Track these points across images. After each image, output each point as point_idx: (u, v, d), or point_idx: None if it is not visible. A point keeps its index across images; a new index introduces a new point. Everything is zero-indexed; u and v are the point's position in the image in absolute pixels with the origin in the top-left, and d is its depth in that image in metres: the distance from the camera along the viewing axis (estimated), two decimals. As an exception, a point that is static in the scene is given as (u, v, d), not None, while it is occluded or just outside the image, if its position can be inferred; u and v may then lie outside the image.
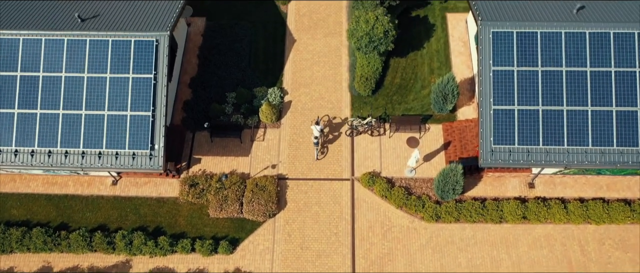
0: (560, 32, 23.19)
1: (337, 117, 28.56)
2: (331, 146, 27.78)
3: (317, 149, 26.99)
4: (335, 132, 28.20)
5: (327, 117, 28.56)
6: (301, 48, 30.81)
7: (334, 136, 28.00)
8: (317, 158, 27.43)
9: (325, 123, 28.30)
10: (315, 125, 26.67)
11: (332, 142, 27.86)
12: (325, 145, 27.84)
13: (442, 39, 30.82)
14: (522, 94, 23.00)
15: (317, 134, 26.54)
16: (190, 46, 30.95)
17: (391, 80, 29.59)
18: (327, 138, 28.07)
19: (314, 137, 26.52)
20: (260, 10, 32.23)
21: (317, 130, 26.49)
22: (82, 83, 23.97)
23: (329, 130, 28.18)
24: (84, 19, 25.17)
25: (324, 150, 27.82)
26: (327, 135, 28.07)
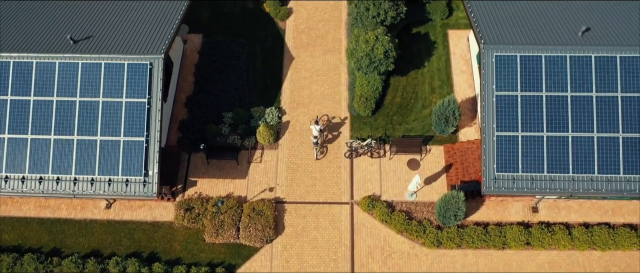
0: (565, 56, 22.58)
1: (336, 117, 28.37)
2: (330, 168, 27.17)
3: (316, 149, 26.85)
4: (334, 132, 28.05)
5: (326, 117, 28.28)
6: (299, 66, 30.19)
7: (333, 157, 27.41)
8: (317, 158, 27.20)
9: (325, 123, 28.06)
10: (314, 124, 26.50)
11: (331, 164, 27.26)
12: (324, 145, 27.49)
13: (444, 56, 30.20)
14: (526, 120, 22.39)
15: (317, 134, 26.40)
16: (187, 63, 30.32)
17: (391, 99, 28.96)
18: (327, 138, 27.84)
19: (313, 137, 26.37)
20: (258, 26, 31.60)
21: (316, 129, 26.35)
22: (74, 107, 23.35)
23: (328, 130, 28.07)
24: (77, 41, 24.55)
25: (324, 150, 27.49)
26: (326, 135, 27.86)
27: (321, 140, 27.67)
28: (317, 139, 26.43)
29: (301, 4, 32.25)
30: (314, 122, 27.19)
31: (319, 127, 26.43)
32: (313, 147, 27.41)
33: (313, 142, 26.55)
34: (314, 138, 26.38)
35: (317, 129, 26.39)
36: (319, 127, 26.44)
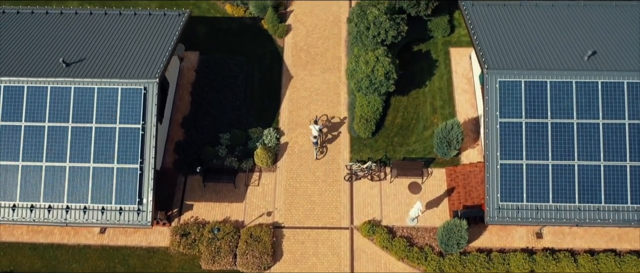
0: (571, 82, 21.98)
1: (336, 117, 28.09)
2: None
3: (316, 149, 26.76)
4: (334, 132, 27.93)
5: (325, 117, 28.03)
6: (298, 85, 29.57)
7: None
8: (317, 158, 27.06)
9: (324, 122, 27.87)
10: (314, 124, 26.29)
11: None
12: (324, 146, 27.33)
13: (445, 75, 29.57)
14: (530, 148, 21.78)
15: (316, 134, 26.19)
16: (183, 82, 29.70)
17: (392, 120, 28.34)
18: (326, 137, 27.66)
19: (312, 137, 26.23)
20: (256, 43, 30.97)
21: (315, 129, 26.15)
22: (67, 133, 22.73)
23: (327, 129, 27.93)
24: (69, 64, 23.93)
25: (323, 150, 27.32)
26: (325, 135, 27.70)
27: (321, 140, 27.45)
28: (316, 139, 26.29)
29: (300, 21, 31.63)
30: (313, 122, 26.91)
31: (319, 127, 26.26)
32: (312, 147, 27.30)
33: (312, 142, 26.45)
34: (313, 138, 26.25)
35: (316, 128, 26.20)
36: (318, 126, 26.25)
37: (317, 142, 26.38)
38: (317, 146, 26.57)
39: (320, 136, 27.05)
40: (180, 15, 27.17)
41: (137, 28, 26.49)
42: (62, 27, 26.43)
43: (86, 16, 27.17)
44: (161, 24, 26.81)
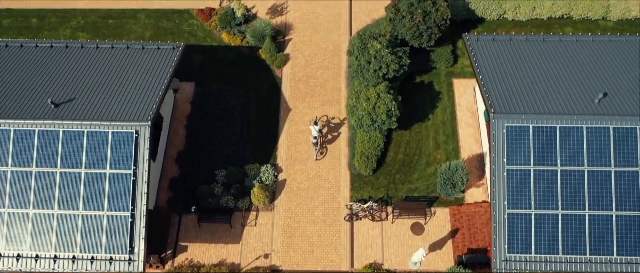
0: (581, 128, 21.04)
1: (336, 118, 28.07)
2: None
3: (316, 150, 26.80)
4: (334, 133, 27.90)
5: (325, 118, 27.88)
6: (297, 118, 28.61)
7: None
8: (317, 159, 27.08)
9: (324, 123, 27.84)
10: (313, 125, 26.31)
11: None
12: (324, 146, 27.21)
13: (449, 108, 28.63)
14: (539, 197, 20.84)
15: (316, 134, 26.26)
16: (178, 115, 28.75)
17: (394, 156, 27.39)
18: (326, 138, 27.66)
19: (312, 138, 26.33)
20: (253, 74, 30.02)
21: (315, 130, 26.17)
22: (55, 179, 21.77)
23: (328, 130, 27.93)
24: (58, 105, 22.98)
25: (323, 150, 27.20)
26: (325, 135, 27.69)
27: (321, 140, 27.34)
28: (316, 140, 26.31)
29: (299, 50, 30.69)
30: (313, 123, 26.84)
31: (318, 128, 26.24)
32: (312, 148, 27.32)
33: (313, 143, 26.57)
34: (313, 138, 26.34)
35: (316, 129, 26.19)
36: (318, 127, 26.25)
37: (317, 142, 26.41)
38: (317, 147, 26.60)
39: (320, 137, 27.05)
40: (175, 50, 26.25)
41: (130, 63, 25.56)
42: (52, 62, 25.50)
43: (77, 50, 26.25)
44: (155, 58, 25.88)
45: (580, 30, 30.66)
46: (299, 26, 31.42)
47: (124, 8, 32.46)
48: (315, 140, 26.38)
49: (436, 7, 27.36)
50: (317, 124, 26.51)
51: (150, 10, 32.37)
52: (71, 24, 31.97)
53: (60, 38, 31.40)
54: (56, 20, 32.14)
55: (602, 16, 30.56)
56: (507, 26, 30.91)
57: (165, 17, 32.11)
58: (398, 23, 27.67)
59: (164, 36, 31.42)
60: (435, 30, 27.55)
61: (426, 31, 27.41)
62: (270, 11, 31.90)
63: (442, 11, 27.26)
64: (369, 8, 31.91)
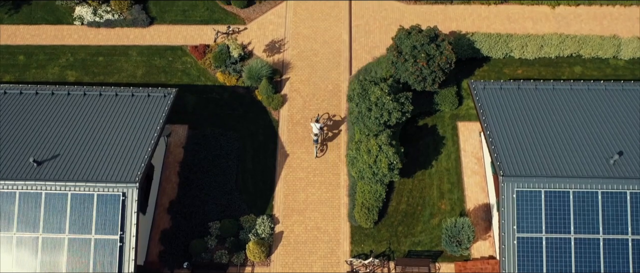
0: (596, 192, 19.80)
1: (337, 115, 28.13)
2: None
3: (316, 147, 26.78)
4: (335, 130, 27.98)
5: (327, 115, 27.87)
6: (294, 164, 27.35)
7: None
8: (317, 156, 27.07)
9: (325, 120, 27.92)
10: (314, 122, 26.20)
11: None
12: (324, 143, 27.25)
13: (453, 154, 27.37)
14: (551, 266, 19.57)
15: (317, 131, 26.18)
16: (170, 161, 27.50)
17: (396, 206, 26.14)
18: (327, 136, 27.67)
19: (313, 135, 26.34)
20: (249, 116, 28.76)
21: (316, 127, 26.09)
22: (37, 245, 20.51)
23: (328, 128, 27.94)
24: (41, 162, 21.72)
25: (323, 148, 27.20)
26: (326, 133, 27.66)
27: (321, 138, 27.27)
28: (317, 137, 26.36)
29: (297, 90, 29.43)
30: (314, 120, 26.66)
31: (319, 125, 26.13)
32: (313, 146, 27.23)
33: (313, 140, 26.63)
34: (314, 135, 26.37)
35: (317, 126, 26.10)
36: (319, 125, 26.17)
37: (317, 140, 26.49)
38: (317, 144, 26.71)
39: (321, 134, 26.91)
40: (166, 97, 25.02)
41: (119, 113, 24.33)
42: (37, 111, 24.27)
43: (63, 97, 25.01)
44: (145, 107, 24.65)
45: (589, 69, 29.43)
46: (296, 64, 30.17)
47: (114, 44, 31.20)
48: (315, 137, 26.37)
49: (440, 50, 26.11)
50: (318, 121, 26.40)
51: (142, 46, 31.11)
52: (59, 61, 30.71)
53: (48, 76, 30.18)
54: (44, 57, 30.89)
55: (612, 55, 29.33)
56: (514, 65, 29.68)
57: (157, 53, 30.86)
58: (400, 66, 26.42)
59: (156, 75, 30.17)
60: (439, 74, 26.31)
61: (430, 75, 26.18)
62: (267, 48, 30.66)
63: (447, 54, 26.01)
64: (369, 45, 30.67)
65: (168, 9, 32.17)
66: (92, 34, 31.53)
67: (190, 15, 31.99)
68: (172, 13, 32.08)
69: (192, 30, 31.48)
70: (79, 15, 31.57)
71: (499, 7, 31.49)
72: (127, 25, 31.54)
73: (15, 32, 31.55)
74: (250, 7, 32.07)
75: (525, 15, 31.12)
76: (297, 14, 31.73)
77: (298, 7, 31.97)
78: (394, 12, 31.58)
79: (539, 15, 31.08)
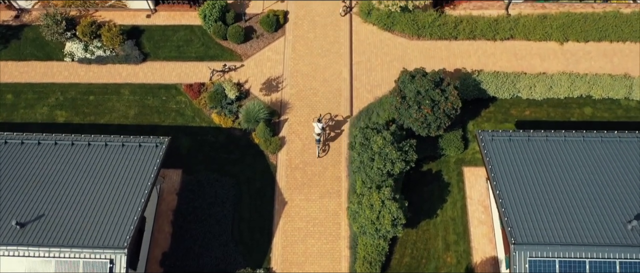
0: (614, 262, 18.62)
1: (339, 115, 28.12)
2: None
3: (318, 147, 26.90)
4: (337, 129, 27.94)
5: (328, 115, 27.91)
6: (293, 213, 26.16)
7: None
8: (319, 156, 27.17)
9: (327, 120, 27.90)
10: (317, 122, 26.15)
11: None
12: (326, 143, 27.30)
13: (459, 202, 26.20)
14: None
15: (319, 131, 26.17)
16: (163, 209, 26.30)
17: (399, 259, 24.96)
18: (329, 135, 27.66)
19: (315, 134, 26.37)
20: (245, 161, 27.57)
21: (318, 127, 26.08)
22: (19, 315, 19.30)
23: (330, 128, 27.92)
24: (24, 225, 20.53)
25: (325, 148, 27.18)
26: (328, 133, 27.67)
27: (324, 138, 27.30)
28: (319, 137, 26.38)
29: (296, 132, 28.24)
30: (316, 120, 26.47)
31: (321, 125, 26.14)
32: (315, 145, 27.21)
33: (315, 140, 26.68)
34: (316, 135, 26.35)
35: (319, 126, 26.07)
36: (321, 125, 26.13)
37: (319, 139, 26.50)
38: (320, 144, 26.74)
39: (323, 134, 26.93)
40: (158, 147, 23.84)
41: (108, 164, 23.16)
42: (21, 163, 23.09)
43: (50, 147, 23.82)
44: (136, 158, 23.47)
45: (600, 110, 28.28)
46: (295, 104, 28.99)
47: (106, 82, 30.03)
48: (318, 137, 26.35)
49: (445, 95, 24.95)
50: (320, 121, 26.35)
51: (135, 84, 29.93)
52: (49, 100, 29.52)
53: (36, 116, 29.01)
54: (33, 96, 29.70)
55: (624, 96, 28.18)
56: (521, 105, 28.51)
57: (150, 92, 29.67)
58: (404, 112, 25.26)
59: (149, 115, 28.98)
60: (445, 120, 25.15)
61: (434, 121, 25.01)
62: (265, 87, 29.49)
63: (452, 100, 24.86)
64: (371, 84, 29.50)
65: (162, 45, 31.00)
66: (82, 70, 30.35)
67: (185, 51, 30.83)
68: (166, 49, 30.91)
69: (187, 67, 30.31)
70: (69, 52, 30.40)
71: (505, 43, 30.34)
72: (119, 61, 30.36)
73: (3, 69, 30.38)
74: (247, 42, 30.90)
75: (533, 52, 29.97)
76: (295, 50, 30.58)
77: (297, 42, 30.82)
78: (397, 49, 30.42)
79: (547, 52, 29.94)
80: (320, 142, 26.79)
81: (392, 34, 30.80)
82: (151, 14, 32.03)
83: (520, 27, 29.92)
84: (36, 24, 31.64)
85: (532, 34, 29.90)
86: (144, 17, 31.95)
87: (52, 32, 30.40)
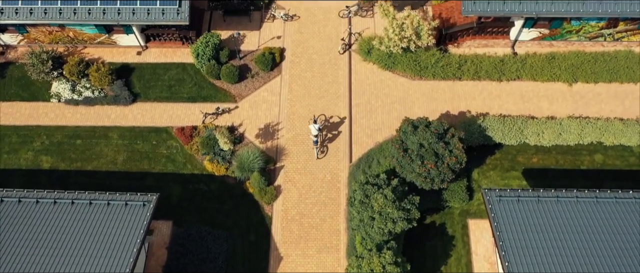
0: None
1: (334, 116, 27.80)
2: None
3: (316, 148, 26.69)
4: (333, 131, 27.74)
5: (323, 116, 27.70)
6: (289, 269, 24.85)
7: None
8: (318, 157, 26.96)
9: (323, 122, 27.63)
10: (313, 124, 25.92)
11: None
12: (324, 144, 27.09)
13: (464, 258, 24.89)
14: None
15: (315, 133, 25.96)
16: (152, 264, 25.01)
17: (401, 320, 23.60)
18: (326, 137, 27.47)
19: (312, 136, 26.19)
20: (239, 212, 26.25)
21: (315, 128, 25.86)
22: None
23: (326, 128, 27.68)
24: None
25: (324, 149, 26.93)
26: (325, 134, 27.40)
27: (321, 139, 27.05)
28: (316, 138, 26.21)
29: (292, 181, 26.92)
30: (312, 122, 26.30)
31: (318, 126, 25.91)
32: (313, 147, 26.91)
33: (313, 141, 26.42)
34: (313, 136, 26.17)
35: (315, 128, 25.84)
36: (317, 126, 25.89)
37: (317, 141, 26.30)
38: (317, 145, 26.53)
39: (320, 135, 26.67)
40: (146, 206, 22.48)
41: (93, 225, 21.83)
42: (0, 224, 21.74)
43: (31, 205, 22.48)
44: (122, 217, 22.12)
45: (611, 157, 26.97)
46: (292, 150, 27.66)
47: (94, 125, 28.71)
48: (315, 139, 26.12)
49: (449, 149, 23.60)
50: (316, 122, 26.08)
51: (124, 127, 28.61)
52: (34, 144, 28.21)
53: (20, 162, 27.72)
54: (17, 139, 28.39)
55: (636, 142, 26.85)
56: (529, 152, 27.20)
57: (140, 136, 28.34)
58: (406, 166, 23.92)
59: (139, 161, 27.65)
60: (449, 174, 23.81)
61: (438, 176, 23.67)
62: (260, 132, 28.17)
63: (457, 154, 23.51)
64: (371, 127, 28.18)
65: (152, 84, 29.68)
66: (69, 112, 29.05)
67: (177, 91, 29.51)
68: (156, 89, 29.59)
69: (179, 108, 28.99)
70: (56, 92, 29.09)
71: (511, 84, 29.03)
72: (108, 102, 29.05)
73: (-14, 110, 29.11)
74: (242, 82, 29.59)
75: (540, 94, 28.65)
76: (292, 90, 29.26)
77: (294, 82, 29.51)
78: (398, 89, 29.10)
79: (555, 94, 28.62)
80: (318, 144, 26.49)
81: (393, 73, 29.50)
82: (142, 51, 30.73)
83: (528, 68, 28.64)
84: (22, 62, 30.33)
85: (540, 75, 28.61)
86: (134, 54, 30.65)
87: (38, 72, 29.11)
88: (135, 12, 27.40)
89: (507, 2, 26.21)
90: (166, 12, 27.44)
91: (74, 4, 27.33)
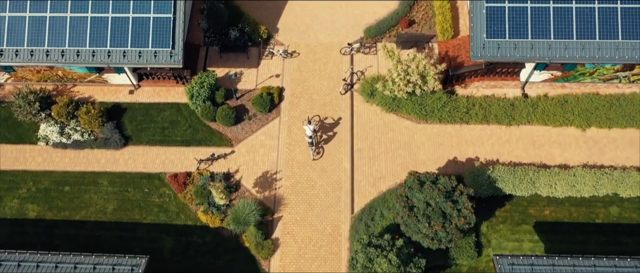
0: None
1: (329, 117, 27.54)
2: None
3: (312, 149, 26.45)
4: (329, 132, 27.37)
5: (317, 117, 27.39)
6: (287, 332, 23.49)
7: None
8: (314, 158, 26.63)
9: (317, 123, 27.29)
10: (307, 124, 25.74)
11: None
12: (320, 146, 26.76)
13: (472, 320, 23.50)
14: None
15: (310, 134, 25.76)
16: (142, 325, 23.55)
17: None
18: (321, 138, 27.10)
19: (307, 137, 25.96)
20: (235, 267, 24.98)
21: (309, 129, 25.67)
22: None
23: (322, 131, 27.31)
24: None
25: (320, 150, 26.59)
26: (321, 135, 27.13)
27: (316, 140, 26.70)
28: (311, 139, 25.92)
29: (290, 233, 25.56)
30: (306, 122, 26.08)
31: (312, 127, 25.69)
32: (308, 148, 26.62)
33: (308, 142, 26.21)
34: (308, 138, 25.93)
35: (310, 128, 25.63)
36: (312, 127, 25.69)
37: (312, 142, 26.05)
38: (313, 146, 26.29)
39: (314, 136, 26.32)
40: (134, 270, 21.09)
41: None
42: None
43: (13, 268, 21.10)
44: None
45: (627, 210, 25.59)
46: (291, 199, 26.28)
47: (83, 170, 27.35)
48: (310, 140, 25.83)
49: (458, 208, 22.23)
50: (310, 123, 25.80)
51: (115, 173, 27.24)
52: (20, 191, 26.87)
53: (5, 211, 26.44)
54: (2, 185, 27.05)
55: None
56: (541, 203, 25.80)
57: (131, 183, 26.98)
58: (412, 226, 22.55)
59: (130, 210, 26.30)
60: (457, 235, 22.44)
61: (446, 236, 22.28)
62: (257, 178, 26.79)
63: (466, 214, 22.14)
64: (374, 175, 26.78)
65: (145, 126, 28.30)
66: (57, 156, 27.69)
67: (170, 134, 28.14)
68: (149, 131, 28.22)
69: (172, 153, 27.63)
70: (43, 135, 27.74)
71: (522, 128, 27.61)
72: (98, 146, 27.69)
73: (-30, 153, 27.77)
74: (239, 124, 28.20)
75: (552, 139, 27.23)
76: (291, 133, 27.86)
77: (293, 125, 28.11)
78: (402, 134, 27.69)
79: (567, 139, 27.21)
80: (313, 145, 26.11)
81: (397, 115, 28.10)
82: (134, 90, 29.34)
83: (539, 112, 27.25)
84: (8, 101, 28.97)
85: (552, 120, 27.21)
86: (126, 93, 29.28)
87: (25, 113, 27.76)
88: (126, 54, 25.99)
89: (518, 47, 24.73)
90: (159, 54, 26.02)
91: (62, 46, 25.89)
